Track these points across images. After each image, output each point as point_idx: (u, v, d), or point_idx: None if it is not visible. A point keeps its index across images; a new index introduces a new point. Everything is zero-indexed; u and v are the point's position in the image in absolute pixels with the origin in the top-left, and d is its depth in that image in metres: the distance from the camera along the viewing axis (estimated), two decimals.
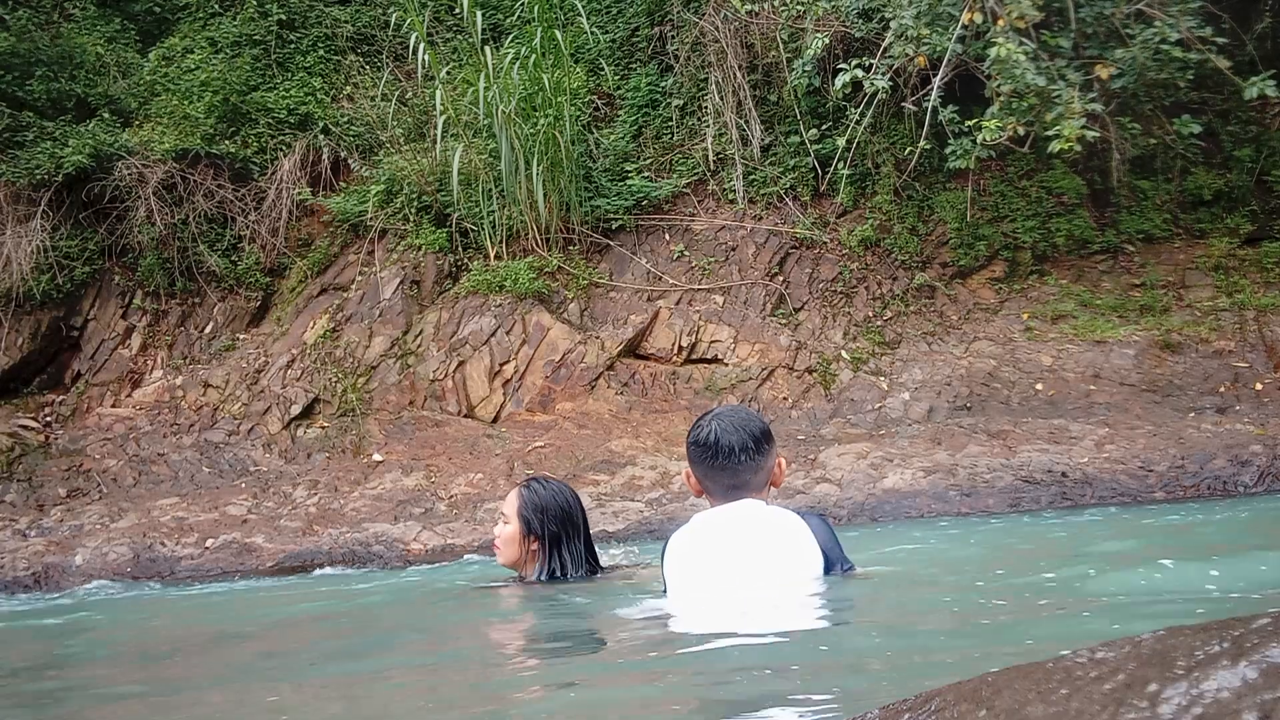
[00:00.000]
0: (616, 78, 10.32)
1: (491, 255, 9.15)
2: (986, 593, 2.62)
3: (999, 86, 7.28)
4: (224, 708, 1.97)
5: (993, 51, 7.07)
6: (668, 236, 9.46)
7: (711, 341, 8.72)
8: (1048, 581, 2.68)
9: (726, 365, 8.58)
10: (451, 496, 7.13)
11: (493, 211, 9.10)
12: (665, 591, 2.45)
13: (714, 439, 2.36)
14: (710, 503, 2.42)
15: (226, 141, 9.81)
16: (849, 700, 1.45)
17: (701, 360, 8.71)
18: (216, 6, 10.94)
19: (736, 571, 2.28)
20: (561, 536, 3.13)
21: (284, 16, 10.61)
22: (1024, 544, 4.55)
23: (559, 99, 8.97)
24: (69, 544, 6.64)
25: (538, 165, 8.77)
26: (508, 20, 10.68)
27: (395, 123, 10.11)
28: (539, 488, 3.21)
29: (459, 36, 10.94)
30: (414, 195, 9.38)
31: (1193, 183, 9.25)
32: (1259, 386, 7.87)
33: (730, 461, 2.34)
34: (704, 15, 9.70)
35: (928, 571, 3.42)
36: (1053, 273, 9.15)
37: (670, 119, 9.94)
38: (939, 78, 7.75)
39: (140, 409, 8.69)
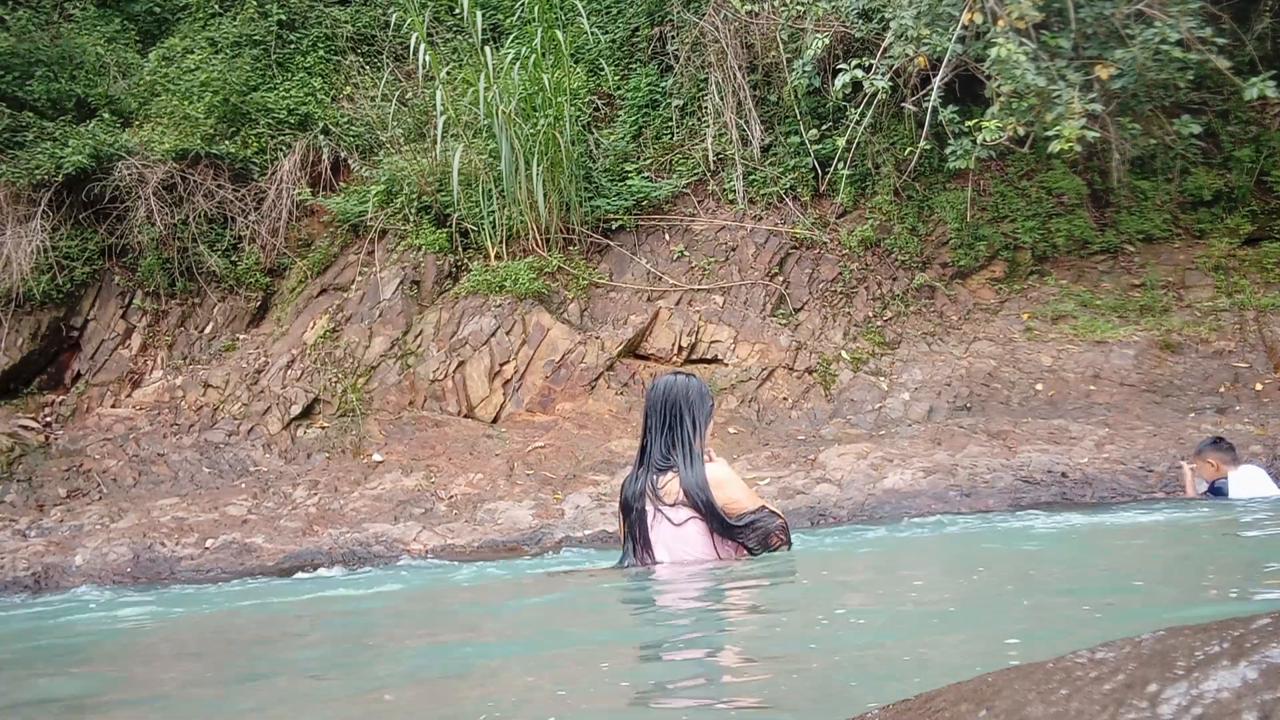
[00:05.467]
0: (616, 78, 10.32)
1: (491, 255, 9.15)
2: None
3: (999, 87, 7.28)
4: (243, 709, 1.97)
5: (993, 52, 7.07)
6: (668, 236, 9.46)
7: (711, 341, 8.72)
8: None
9: (726, 365, 8.58)
10: (451, 497, 7.13)
11: (493, 212, 9.10)
12: None
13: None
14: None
15: (226, 141, 9.81)
16: (849, 700, 1.45)
17: (701, 360, 8.71)
18: (216, 6, 10.94)
19: None
20: (645, 427, 3.27)
21: (284, 16, 10.62)
22: None
23: (559, 99, 8.97)
24: (69, 544, 6.64)
25: (538, 165, 8.77)
26: (508, 20, 10.68)
27: (395, 123, 10.11)
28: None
29: (459, 36, 10.95)
30: (414, 195, 9.38)
31: (1193, 183, 9.25)
32: (1259, 386, 7.87)
33: None
34: (704, 15, 9.71)
35: None
36: (1053, 273, 9.15)
37: (670, 119, 9.94)
38: (939, 78, 7.75)
39: (140, 409, 8.68)
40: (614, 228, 9.39)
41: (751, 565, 3.06)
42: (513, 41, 9.76)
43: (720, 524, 3.04)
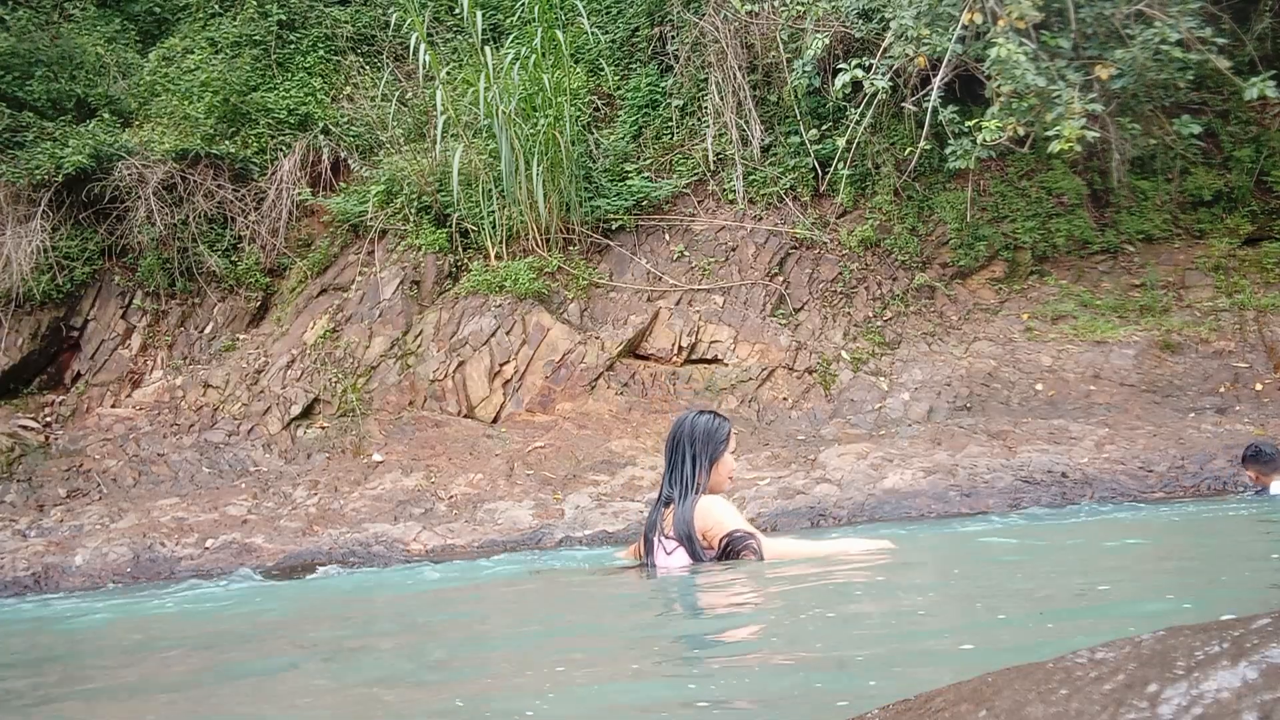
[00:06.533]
0: (616, 78, 10.32)
1: (491, 255, 9.15)
2: None
3: (999, 87, 7.28)
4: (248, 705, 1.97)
5: (993, 52, 7.07)
6: (668, 237, 9.46)
7: (711, 342, 8.72)
8: None
9: (726, 365, 8.58)
10: (451, 497, 7.13)
11: (493, 212, 9.10)
12: None
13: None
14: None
15: (226, 142, 9.81)
16: (849, 700, 1.45)
17: (701, 360, 8.71)
18: (216, 7, 10.95)
19: None
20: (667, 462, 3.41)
21: (284, 17, 10.62)
22: None
23: (559, 99, 8.97)
24: (69, 544, 6.64)
25: (538, 165, 8.77)
26: (508, 20, 10.68)
27: (395, 123, 10.11)
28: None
29: (459, 36, 10.95)
30: (414, 195, 9.38)
31: (1193, 183, 9.26)
32: (1259, 386, 7.87)
33: None
34: (704, 15, 9.71)
35: None
36: (1053, 273, 9.15)
37: (670, 119, 9.94)
38: (939, 78, 7.75)
39: (140, 409, 8.68)
40: (614, 228, 9.39)
41: (754, 567, 3.07)
42: (513, 41, 9.76)
43: (696, 558, 3.23)
